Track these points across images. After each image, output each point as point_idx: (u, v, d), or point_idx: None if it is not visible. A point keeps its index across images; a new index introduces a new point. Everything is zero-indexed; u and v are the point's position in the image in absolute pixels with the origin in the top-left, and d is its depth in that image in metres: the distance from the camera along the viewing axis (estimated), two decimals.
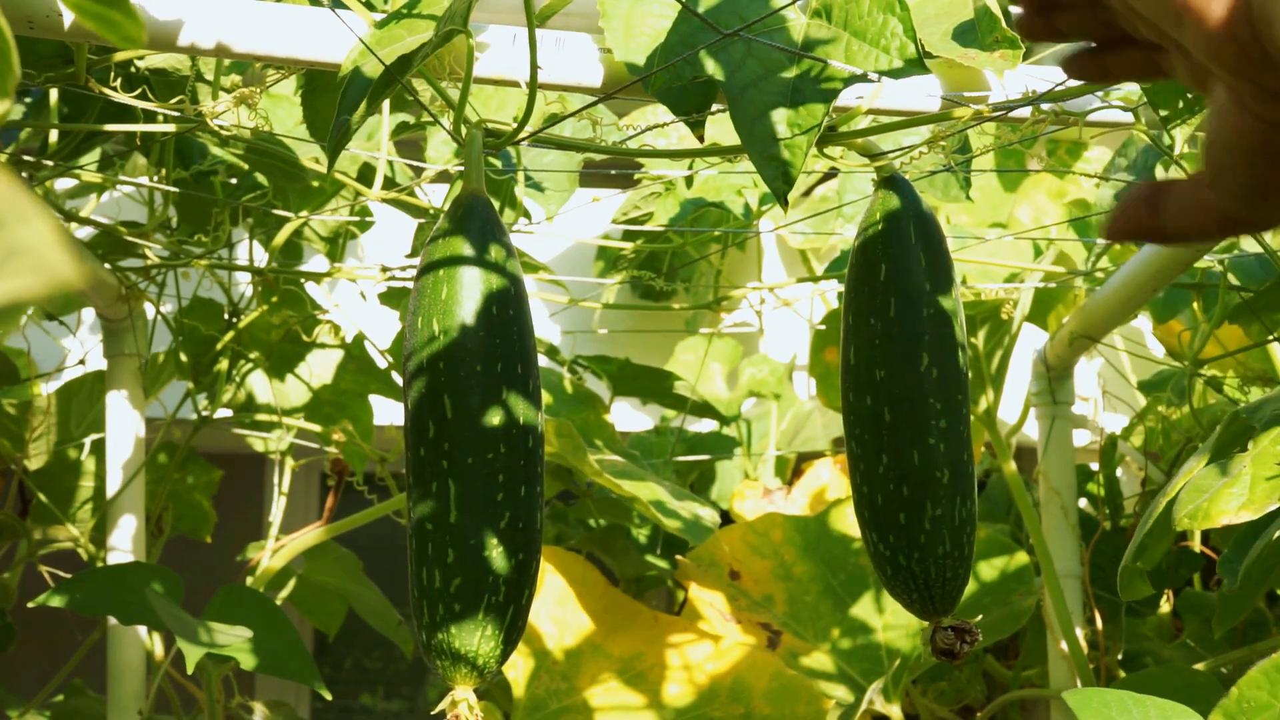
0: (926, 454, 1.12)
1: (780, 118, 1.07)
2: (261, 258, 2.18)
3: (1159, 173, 1.85)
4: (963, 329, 1.14)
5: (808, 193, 3.02)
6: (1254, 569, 1.67)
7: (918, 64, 1.02)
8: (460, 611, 0.99)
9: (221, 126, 1.47)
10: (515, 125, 1.14)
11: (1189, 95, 1.14)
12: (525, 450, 1.01)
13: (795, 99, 1.05)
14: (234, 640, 1.66)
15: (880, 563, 1.16)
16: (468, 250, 1.02)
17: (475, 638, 0.99)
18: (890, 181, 1.16)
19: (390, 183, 2.03)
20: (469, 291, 1.01)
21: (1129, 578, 1.69)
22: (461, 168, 1.16)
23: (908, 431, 1.12)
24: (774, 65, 1.06)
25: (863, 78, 1.04)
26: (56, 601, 1.69)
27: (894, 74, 1.03)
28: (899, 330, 1.11)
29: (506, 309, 1.02)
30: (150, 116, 1.66)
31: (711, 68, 1.11)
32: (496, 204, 2.07)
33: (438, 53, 1.18)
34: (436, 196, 2.17)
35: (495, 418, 1.00)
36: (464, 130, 1.11)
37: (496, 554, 0.99)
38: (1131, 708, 1.52)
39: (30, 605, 1.75)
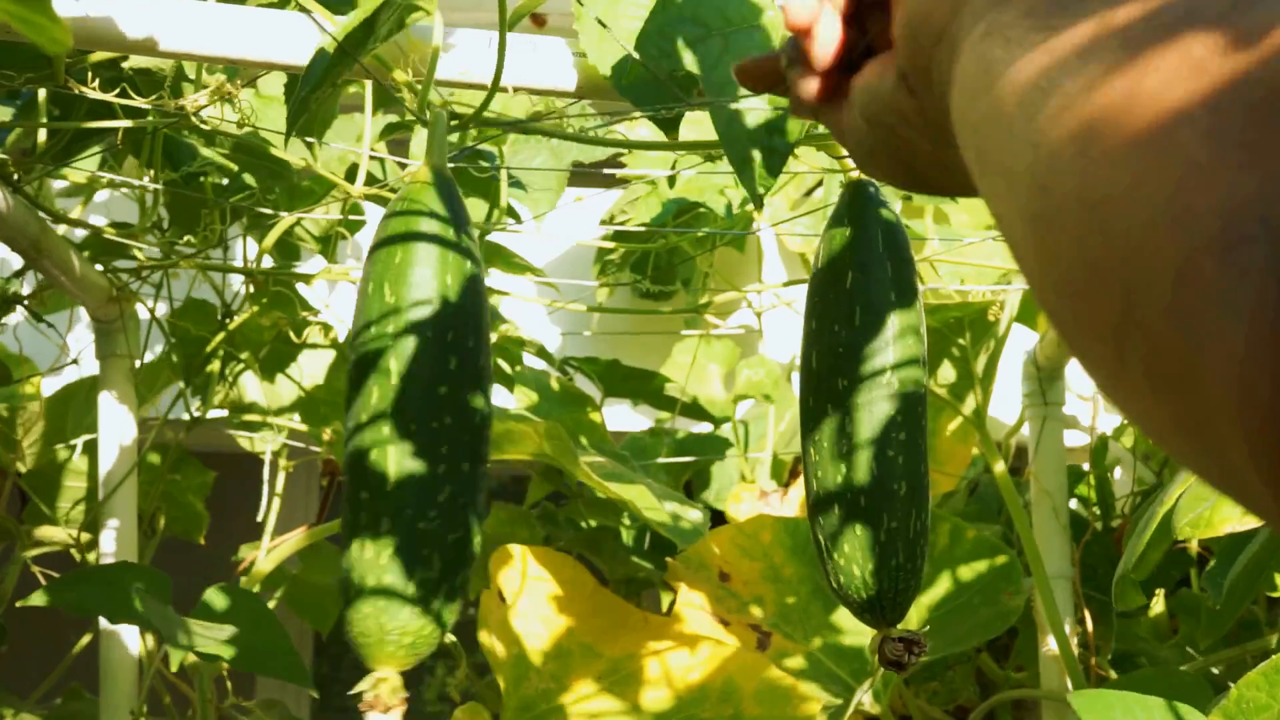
0: (885, 465, 1.12)
1: (759, 117, 1.06)
2: (254, 258, 2.19)
3: None
4: (924, 341, 1.14)
5: (809, 193, 3.01)
6: (1238, 583, 1.66)
7: None
8: (391, 584, 0.94)
9: (203, 120, 1.48)
10: (491, 115, 1.14)
11: None
12: (471, 426, 0.98)
13: (774, 98, 1.05)
14: (218, 639, 1.66)
15: (833, 571, 1.15)
16: (425, 221, 1.00)
17: (403, 615, 0.94)
18: (858, 185, 1.16)
19: (374, 180, 2.03)
20: (423, 259, 0.98)
21: (1124, 587, 1.69)
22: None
23: (867, 442, 1.12)
24: None
25: None
26: (44, 601, 1.69)
27: None
28: (863, 340, 1.11)
29: (461, 280, 0.99)
30: (136, 116, 1.67)
31: (689, 61, 1.11)
32: (485, 205, 2.08)
33: (403, 50, 1.18)
34: None
35: (442, 386, 0.97)
36: (429, 112, 1.10)
37: (434, 527, 0.95)
38: (1135, 709, 1.52)
39: (19, 605, 1.75)
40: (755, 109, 1.07)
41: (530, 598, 2.05)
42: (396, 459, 0.95)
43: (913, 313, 1.13)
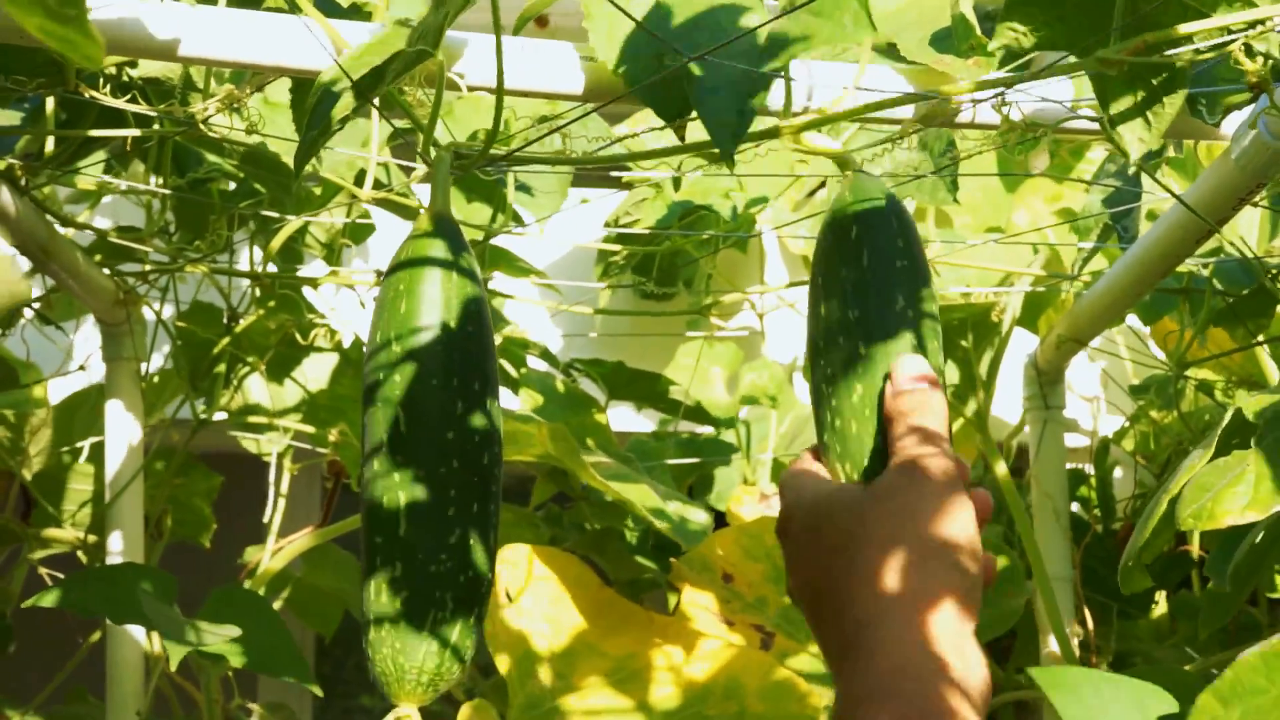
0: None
1: (733, 91, 1.09)
2: (261, 262, 2.20)
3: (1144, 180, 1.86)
4: (931, 283, 1.10)
5: (811, 194, 3.02)
6: (1241, 568, 1.67)
7: (868, 27, 1.04)
8: (406, 627, 0.99)
9: (212, 127, 1.49)
10: (484, 144, 1.15)
11: (1141, 89, 1.12)
12: (480, 467, 1.02)
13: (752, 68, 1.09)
14: (220, 639, 1.67)
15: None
16: (429, 268, 1.03)
17: (419, 654, 0.99)
18: (857, 173, 1.16)
19: (381, 186, 2.04)
20: (428, 307, 1.02)
21: (1128, 574, 1.69)
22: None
23: (882, 363, 1.06)
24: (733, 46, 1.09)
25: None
26: (49, 601, 1.70)
27: (847, 39, 1.06)
28: (872, 276, 1.08)
29: (466, 325, 1.02)
30: (144, 123, 1.68)
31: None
32: (488, 210, 2.09)
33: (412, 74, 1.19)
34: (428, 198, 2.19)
35: (449, 432, 1.00)
36: (433, 152, 1.12)
37: (446, 570, 0.99)
38: (1103, 687, 1.52)
39: (24, 606, 1.76)
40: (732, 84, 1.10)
41: (535, 597, 2.06)
42: (407, 505, 0.99)
43: (919, 260, 1.09)
